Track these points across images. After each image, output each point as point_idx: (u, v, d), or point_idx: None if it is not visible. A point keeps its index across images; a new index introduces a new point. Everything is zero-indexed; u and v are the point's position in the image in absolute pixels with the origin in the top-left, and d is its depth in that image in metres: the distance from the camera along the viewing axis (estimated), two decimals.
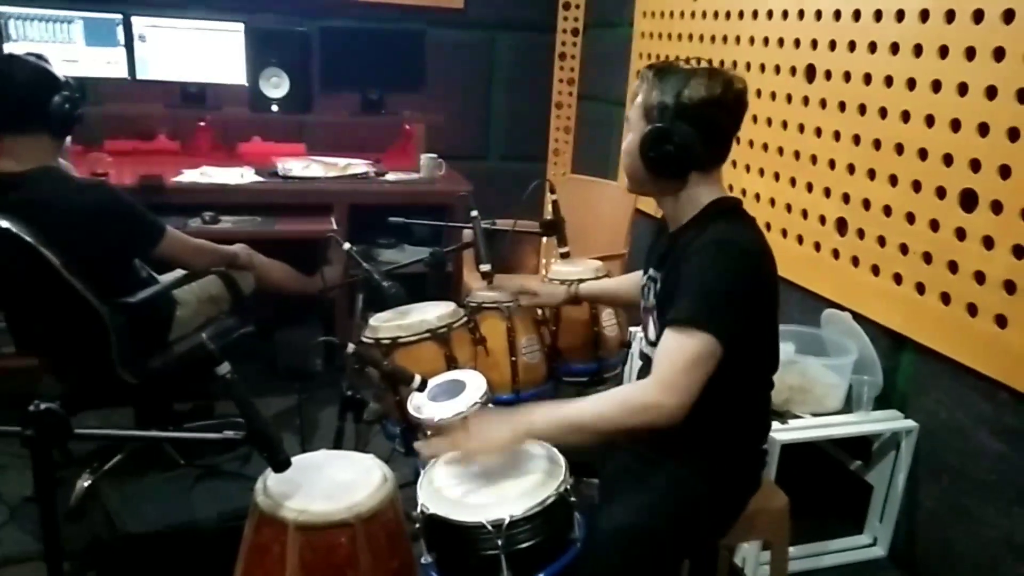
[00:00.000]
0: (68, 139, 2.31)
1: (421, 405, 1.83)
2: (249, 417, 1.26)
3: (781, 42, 2.59)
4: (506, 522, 1.31)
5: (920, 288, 2.07)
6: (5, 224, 1.93)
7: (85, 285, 2.05)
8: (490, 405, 1.68)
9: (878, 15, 2.19)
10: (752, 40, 2.74)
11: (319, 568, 1.25)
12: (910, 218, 2.10)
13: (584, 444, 1.47)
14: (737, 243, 1.47)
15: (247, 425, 1.27)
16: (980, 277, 1.90)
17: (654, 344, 1.57)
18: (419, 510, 1.39)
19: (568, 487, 1.41)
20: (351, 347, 1.73)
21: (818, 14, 2.42)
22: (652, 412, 1.37)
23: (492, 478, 1.43)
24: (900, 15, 2.11)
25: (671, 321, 1.42)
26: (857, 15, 2.26)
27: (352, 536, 1.26)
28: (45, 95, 2.09)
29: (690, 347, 1.38)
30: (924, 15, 2.04)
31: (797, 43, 2.52)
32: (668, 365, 1.39)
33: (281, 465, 1.28)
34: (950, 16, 1.96)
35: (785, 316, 2.51)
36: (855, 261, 2.30)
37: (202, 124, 3.58)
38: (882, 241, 2.20)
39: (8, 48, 3.12)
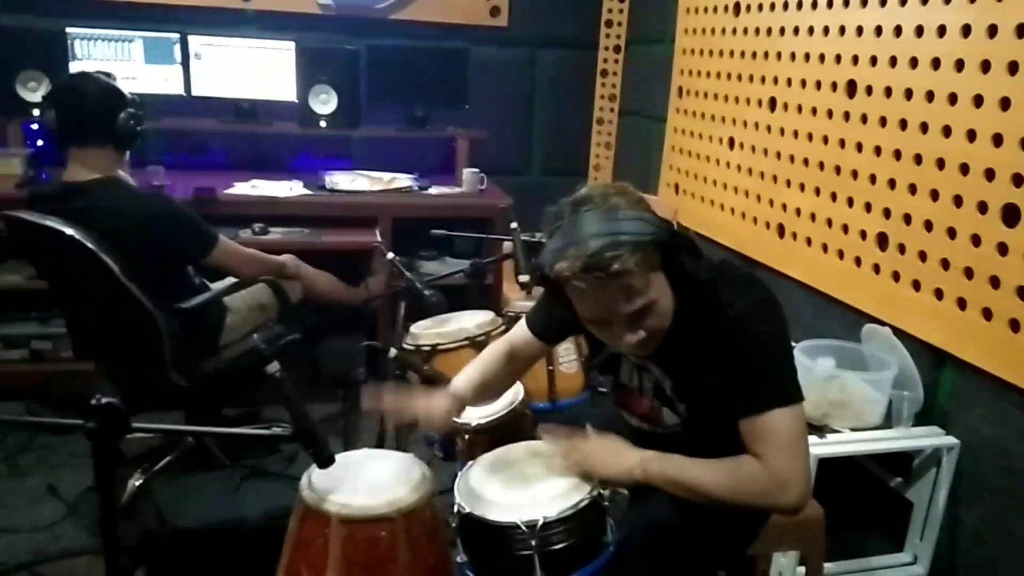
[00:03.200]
0: (127, 152, 2.43)
1: None
2: (296, 414, 1.31)
3: (822, 58, 2.60)
4: (540, 523, 1.34)
5: (961, 303, 2.06)
6: (70, 231, 2.03)
7: (141, 291, 2.15)
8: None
9: (919, 31, 2.19)
10: (793, 56, 2.75)
11: (360, 560, 1.30)
12: (951, 233, 2.09)
13: (684, 498, 1.45)
14: (762, 305, 1.42)
15: (294, 422, 1.32)
16: (1022, 292, 1.88)
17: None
18: (455, 509, 1.43)
19: (601, 491, 1.43)
20: (393, 352, 1.79)
21: (859, 30, 2.42)
22: (769, 502, 1.38)
23: (527, 480, 1.47)
24: (942, 30, 2.11)
25: (757, 409, 1.37)
26: (898, 31, 2.26)
27: (392, 530, 1.30)
28: (112, 111, 2.22)
29: (788, 426, 1.36)
30: (966, 30, 2.04)
31: (838, 59, 2.52)
32: (778, 454, 1.35)
33: (326, 462, 1.33)
34: (992, 31, 1.96)
35: (825, 330, 2.52)
36: (896, 276, 2.29)
37: (253, 139, 3.69)
38: (923, 256, 2.18)
39: (75, 66, 3.28)
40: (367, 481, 1.40)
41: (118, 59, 3.39)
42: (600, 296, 1.31)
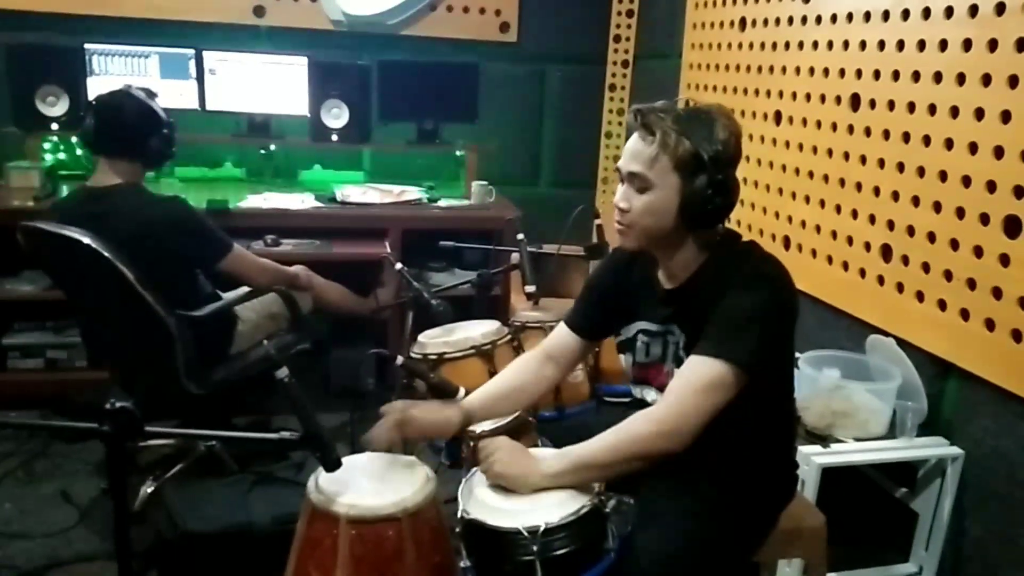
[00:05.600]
0: None
1: None
2: (304, 419, 1.35)
3: (827, 72, 2.63)
4: (542, 529, 1.36)
5: (965, 314, 2.07)
6: (87, 240, 2.08)
7: (155, 299, 2.19)
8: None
9: (921, 45, 2.21)
10: (798, 70, 2.78)
11: (368, 559, 1.32)
12: (954, 244, 2.10)
13: (602, 479, 1.49)
14: (772, 276, 1.48)
15: (303, 426, 1.36)
16: None
17: None
18: (459, 515, 1.45)
19: (602, 498, 1.46)
20: (400, 359, 1.82)
21: (863, 44, 2.45)
22: (655, 437, 1.40)
23: None
24: (943, 45, 2.14)
25: (704, 350, 1.43)
26: (901, 45, 2.29)
27: (399, 530, 1.33)
28: (147, 132, 2.31)
29: (702, 374, 1.41)
30: (967, 44, 2.06)
31: (842, 73, 2.55)
32: (676, 390, 1.43)
33: (333, 465, 1.36)
34: (992, 45, 1.99)
35: (830, 342, 2.54)
36: (900, 287, 2.30)
37: (266, 153, 3.75)
38: (926, 267, 2.20)
39: (92, 81, 3.35)
40: (373, 482, 1.42)
41: (134, 74, 3.45)
42: (633, 141, 1.46)
